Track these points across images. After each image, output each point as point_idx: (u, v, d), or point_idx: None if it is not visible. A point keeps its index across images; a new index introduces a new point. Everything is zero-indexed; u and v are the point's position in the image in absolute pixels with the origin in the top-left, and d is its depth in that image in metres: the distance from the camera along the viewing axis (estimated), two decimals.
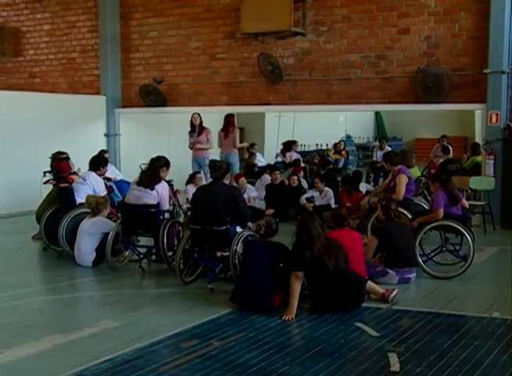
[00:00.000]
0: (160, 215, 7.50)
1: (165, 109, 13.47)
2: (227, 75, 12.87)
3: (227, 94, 12.94)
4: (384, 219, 7.18)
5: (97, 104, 13.96)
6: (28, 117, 12.35)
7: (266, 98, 12.52)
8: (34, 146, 12.09)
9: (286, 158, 15.39)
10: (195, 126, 12.09)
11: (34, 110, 12.54)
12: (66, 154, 9.62)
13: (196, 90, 13.27)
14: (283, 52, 12.21)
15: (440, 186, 7.62)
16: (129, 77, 14.13)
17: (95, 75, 14.42)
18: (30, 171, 11.40)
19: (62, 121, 12.99)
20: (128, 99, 14.16)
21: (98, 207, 7.89)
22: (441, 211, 7.38)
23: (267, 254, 6.00)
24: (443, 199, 7.48)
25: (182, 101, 13.40)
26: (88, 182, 8.71)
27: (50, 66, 15.08)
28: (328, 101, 11.88)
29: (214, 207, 6.69)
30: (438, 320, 5.66)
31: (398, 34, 11.17)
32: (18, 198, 11.61)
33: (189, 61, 13.30)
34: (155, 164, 7.69)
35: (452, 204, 7.55)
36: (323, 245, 5.82)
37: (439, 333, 5.31)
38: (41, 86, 14.96)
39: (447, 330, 5.40)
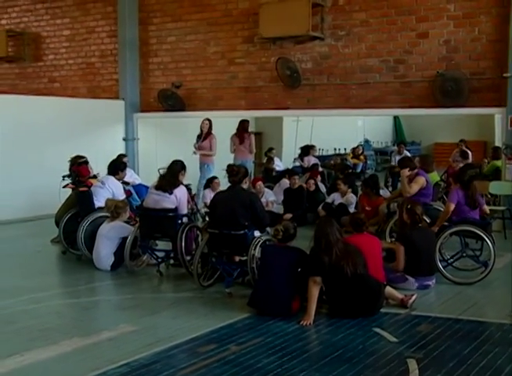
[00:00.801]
0: (179, 220, 7.52)
1: (183, 113, 13.51)
2: (245, 80, 12.88)
3: (245, 98, 12.95)
4: (408, 224, 7.10)
5: (116, 109, 14.05)
6: (48, 122, 12.47)
7: (284, 102, 12.51)
8: (54, 150, 12.19)
9: (304, 163, 15.37)
10: (202, 131, 12.16)
11: (53, 115, 12.66)
12: (85, 158, 9.67)
13: (214, 95, 13.30)
14: (302, 57, 12.20)
15: (461, 187, 7.56)
16: (147, 82, 14.21)
17: (113, 80, 14.51)
18: (49, 175, 11.47)
19: (81, 126, 13.08)
20: (147, 104, 14.23)
21: (117, 211, 7.92)
22: (452, 205, 7.34)
23: (285, 258, 5.99)
24: (458, 196, 7.42)
25: (201, 106, 13.43)
26: (106, 186, 8.76)
27: (69, 71, 15.20)
28: (346, 105, 11.84)
29: (233, 211, 6.69)
30: (458, 326, 5.61)
31: (416, 38, 11.12)
32: (37, 202, 11.69)
33: (207, 66, 13.34)
34: (174, 167, 7.73)
35: (471, 207, 7.48)
36: (341, 250, 5.79)
37: (459, 339, 5.27)
38: (60, 91, 15.09)
39: (467, 336, 5.35)
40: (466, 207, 7.46)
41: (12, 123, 11.88)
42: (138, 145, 14.32)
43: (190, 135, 13.24)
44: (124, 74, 14.19)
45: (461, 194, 7.47)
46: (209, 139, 12.07)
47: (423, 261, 6.84)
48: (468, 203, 7.47)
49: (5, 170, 11.70)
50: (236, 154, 12.55)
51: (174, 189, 7.58)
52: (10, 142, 11.81)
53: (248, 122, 12.81)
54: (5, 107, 11.93)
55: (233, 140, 12.66)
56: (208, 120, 12.21)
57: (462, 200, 7.45)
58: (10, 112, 11.95)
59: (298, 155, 15.91)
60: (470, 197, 7.49)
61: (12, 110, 12.00)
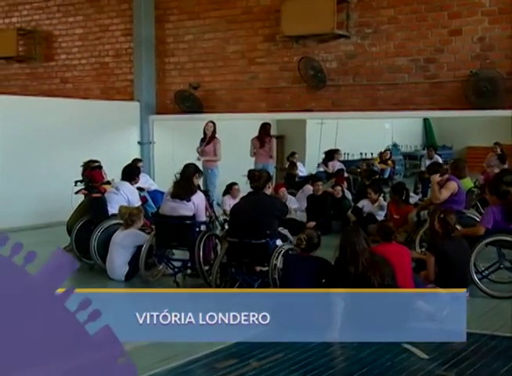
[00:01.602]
0: (197, 228, 7.54)
1: (201, 116, 13.54)
2: (266, 80, 12.90)
3: (266, 100, 12.96)
4: (440, 233, 7.04)
5: (130, 111, 14.13)
6: (59, 124, 12.56)
7: (308, 104, 12.50)
8: (66, 154, 12.29)
9: (328, 168, 15.34)
10: (206, 134, 12.15)
11: (65, 117, 12.75)
12: (98, 163, 9.74)
13: (233, 96, 13.32)
14: (326, 56, 12.19)
15: (498, 199, 7.46)
16: (164, 83, 14.28)
17: (128, 80, 14.61)
18: (60, 181, 11.56)
19: (94, 128, 13.18)
20: (163, 106, 14.30)
21: (131, 219, 7.96)
22: (482, 228, 7.25)
23: (308, 269, 5.97)
24: (493, 216, 7.28)
25: (219, 107, 13.47)
26: (121, 192, 8.82)
27: (82, 72, 15.32)
28: (373, 107, 11.81)
29: (255, 219, 6.70)
30: (493, 343, 5.54)
31: (448, 36, 11.05)
32: (48, 208, 11.79)
33: (226, 66, 13.38)
34: (187, 172, 7.78)
35: (509, 221, 7.32)
36: (368, 260, 5.77)
37: (494, 357, 5.20)
38: (72, 92, 15.21)
39: (503, 353, 5.29)
40: (504, 223, 7.33)
41: (22, 126, 11.98)
42: (154, 149, 14.38)
43: None
44: (139, 74, 14.27)
45: (497, 211, 7.34)
46: (213, 143, 12.07)
47: (455, 272, 6.77)
48: (506, 218, 7.31)
49: (14, 174, 11.81)
50: (257, 158, 12.58)
51: (191, 196, 7.60)
52: (20, 145, 11.92)
53: (270, 125, 12.82)
54: (16, 109, 12.05)
55: (254, 143, 12.68)
56: (212, 122, 12.22)
57: (498, 217, 7.31)
58: (20, 114, 12.06)
59: (322, 160, 15.88)
60: (508, 211, 7.32)
61: (22, 112, 12.11)
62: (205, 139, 12.18)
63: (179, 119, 13.98)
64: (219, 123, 12.81)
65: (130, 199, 8.81)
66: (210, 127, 12.15)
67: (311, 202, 11.48)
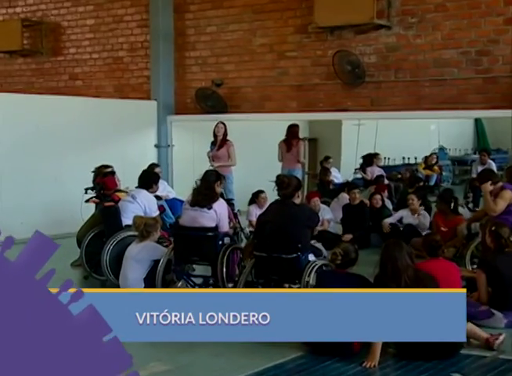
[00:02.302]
0: (220, 240, 7.58)
1: (225, 116, 13.58)
2: (297, 77, 12.94)
3: (297, 99, 12.99)
4: (492, 248, 6.99)
5: (147, 110, 14.25)
6: (68, 125, 12.67)
7: (343, 103, 12.51)
8: (75, 158, 12.44)
9: (366, 174, 15.32)
10: (217, 137, 12.18)
11: (74, 117, 12.87)
12: (111, 168, 9.83)
13: (261, 94, 13.38)
14: (364, 49, 12.19)
15: None
16: (184, 80, 14.38)
17: (144, 77, 14.74)
18: (69, 188, 11.69)
19: (106, 130, 13.32)
20: (183, 105, 14.40)
21: (147, 230, 8.01)
22: None
23: (345, 285, 5.96)
24: None
25: (245, 107, 13.53)
26: (137, 200, 8.89)
27: (94, 67, 15.48)
28: (417, 106, 11.78)
29: (284, 230, 6.72)
30: None
31: (504, 25, 10.99)
32: (55, 218, 11.90)
33: (253, 60, 13.44)
34: (208, 178, 7.85)
35: None
36: (412, 278, 5.75)
37: None
38: (83, 90, 15.37)
39: None
40: None
41: (27, 127, 12.11)
42: (173, 153, 14.49)
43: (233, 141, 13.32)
44: (156, 70, 14.39)
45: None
46: (226, 146, 12.12)
47: (511, 292, 6.72)
48: None
49: (18, 181, 11.93)
50: (283, 163, 12.66)
51: (213, 204, 7.66)
52: (25, 148, 12.04)
53: (298, 127, 12.85)
54: (20, 108, 12.16)
55: (281, 147, 12.73)
56: (223, 123, 12.25)
57: None
58: (25, 114, 12.18)
59: (360, 165, 15.86)
60: None
61: (27, 111, 12.22)
62: (216, 142, 12.20)
63: (200, 120, 14.06)
64: (244, 124, 12.86)
65: (147, 208, 8.87)
66: (221, 128, 12.18)
67: (348, 212, 11.46)
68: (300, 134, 13.20)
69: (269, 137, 12.90)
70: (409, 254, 5.89)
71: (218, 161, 12.07)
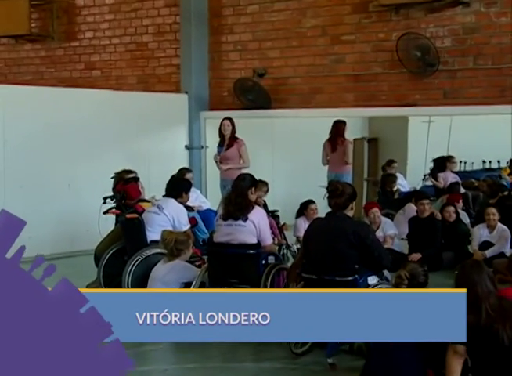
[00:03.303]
0: (263, 259, 7.61)
1: (269, 112, 13.64)
2: (355, 65, 12.94)
3: (355, 91, 12.99)
4: None
5: (176, 105, 14.35)
6: (83, 123, 12.75)
7: (410, 96, 12.47)
8: (91, 161, 12.58)
9: (438, 181, 15.21)
10: (224, 136, 12.20)
11: (91, 113, 12.95)
12: (134, 174, 9.90)
13: (311, 86, 13.40)
14: (436, 31, 12.14)
15: None
16: (220, 69, 14.46)
17: (173, 66, 14.84)
18: (85, 196, 11.81)
19: (129, 129, 13.41)
20: (218, 99, 14.49)
21: (177, 247, 8.05)
22: None
23: None
24: None
25: (293, 101, 13.58)
26: (165, 212, 8.97)
27: (114, 54, 15.64)
28: (501, 99, 11.68)
29: (336, 249, 6.73)
30: None
31: None
32: (68, 233, 11.99)
33: (302, 46, 13.47)
34: (239, 184, 7.91)
35: None
36: (495, 308, 5.70)
37: None
38: (101, 81, 15.55)
39: None
40: None
41: (35, 124, 12.19)
42: (207, 155, 14.53)
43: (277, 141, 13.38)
44: (187, 57, 14.47)
45: None
46: (236, 146, 12.11)
47: None
48: None
49: (24, 188, 11.97)
50: (329, 166, 12.74)
51: (248, 214, 7.72)
52: (33, 150, 12.10)
53: (345, 124, 12.82)
54: (27, 103, 12.20)
55: (325, 148, 12.79)
56: (229, 120, 12.24)
57: None
58: (33, 109, 12.24)
59: (430, 170, 15.74)
60: None
61: (35, 106, 12.29)
62: (223, 142, 12.21)
63: (240, 117, 13.98)
64: (291, 122, 12.85)
65: (175, 221, 8.94)
66: (228, 126, 12.16)
67: (415, 227, 11.39)
68: (356, 133, 13.15)
69: (320, 137, 12.87)
70: (491, 278, 5.84)
71: (226, 164, 12.12)
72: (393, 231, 11.25)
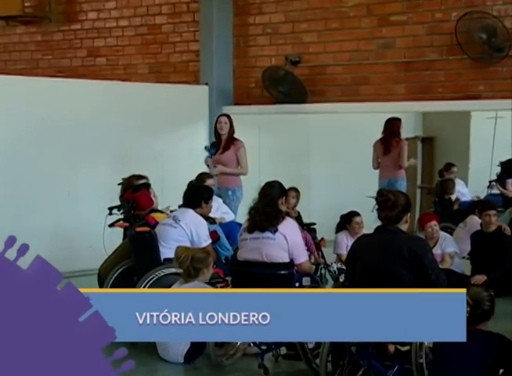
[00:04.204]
0: (296, 282, 7.59)
1: (304, 107, 13.64)
2: (407, 50, 12.94)
3: (406, 81, 12.98)
4: None
5: (195, 99, 14.38)
6: (85, 120, 12.80)
7: (473, 87, 12.45)
8: (95, 165, 12.66)
9: (507, 189, 15.13)
10: (220, 136, 12.11)
11: (94, 108, 12.99)
12: (145, 179, 9.94)
13: (354, 75, 13.41)
14: (505, 9, 12.10)
15: None
16: (246, 56, 14.52)
17: (191, 52, 14.90)
18: (87, 206, 11.86)
19: (139, 127, 13.45)
20: (244, 92, 14.55)
21: (195, 267, 8.05)
22: None
23: (475, 350, 5.91)
24: None
25: (332, 93, 13.59)
26: (181, 224, 8.97)
27: (121, 39, 15.71)
28: None
29: (387, 270, 6.70)
30: None
31: None
32: (67, 249, 12.02)
33: (343, 28, 13.49)
34: (268, 192, 7.95)
35: None
36: None
37: None
38: (106, 70, 15.64)
39: None
40: None
41: (29, 122, 12.23)
42: None
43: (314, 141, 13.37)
44: (208, 42, 14.53)
45: None
46: (234, 148, 12.06)
47: None
48: None
49: (16, 196, 12.01)
50: (380, 171, 12.78)
51: (278, 225, 7.72)
52: (26, 151, 12.13)
53: (400, 121, 12.79)
54: (19, 96, 12.23)
55: (376, 149, 12.79)
56: (227, 117, 12.18)
57: None
58: (26, 103, 12.26)
59: (497, 176, 15.66)
60: None
61: (28, 99, 12.32)
62: (219, 142, 12.15)
63: (269, 113, 14.09)
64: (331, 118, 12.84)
65: (194, 235, 8.94)
66: (225, 124, 12.06)
67: (479, 243, 11.33)
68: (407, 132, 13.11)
69: (365, 136, 12.87)
70: None
71: (221, 168, 12.03)
72: (453, 248, 11.19)
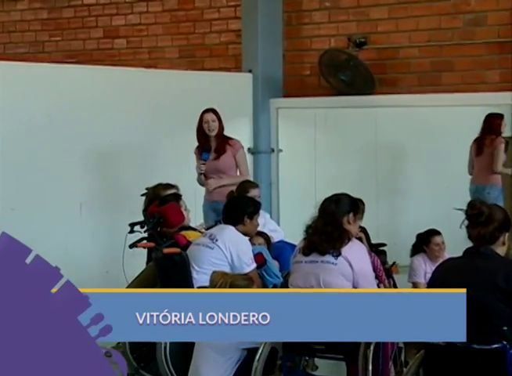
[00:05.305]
0: None
1: (371, 99, 13.64)
2: (501, 28, 12.88)
3: (501, 67, 12.98)
4: None
5: (235, 90, 14.45)
6: (101, 115, 12.90)
7: None
8: (113, 171, 12.76)
9: None
10: (208, 138, 11.94)
11: (112, 101, 13.09)
12: (175, 189, 9.97)
13: (435, 60, 13.41)
14: None
15: None
16: (299, 37, 14.56)
17: (231, 32, 15.00)
18: (104, 223, 11.91)
19: (166, 124, 13.56)
20: (297, 81, 14.61)
21: None
22: None
23: None
24: None
25: (406, 82, 13.66)
26: (219, 244, 8.97)
27: (146, 16, 15.82)
28: None
29: (477, 302, 6.64)
30: None
31: None
32: (81, 275, 11.95)
33: (420, 1, 13.46)
34: (330, 208, 7.89)
35: None
36: None
37: None
38: (127, 54, 15.78)
39: None
40: None
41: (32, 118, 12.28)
42: (280, 162, 14.67)
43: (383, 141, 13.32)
44: (252, 20, 14.60)
45: None
46: (231, 151, 11.91)
47: None
48: None
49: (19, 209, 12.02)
50: (474, 176, 12.80)
51: (341, 247, 7.70)
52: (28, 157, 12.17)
53: (501, 118, 12.70)
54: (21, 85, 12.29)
55: (471, 151, 12.85)
56: (213, 111, 12.02)
57: None
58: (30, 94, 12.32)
59: None
60: None
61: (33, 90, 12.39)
62: (208, 146, 11.98)
63: (328, 106, 14.08)
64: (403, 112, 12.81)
65: (235, 258, 8.90)
66: (213, 122, 11.86)
67: None
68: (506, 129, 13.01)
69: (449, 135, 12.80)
70: None
71: (219, 177, 11.83)
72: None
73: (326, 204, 7.93)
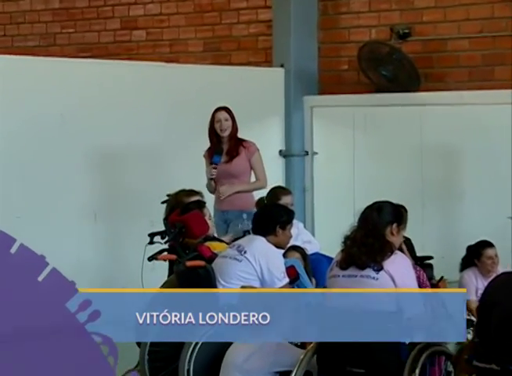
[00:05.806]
0: None
1: (416, 96, 13.63)
2: None
3: None
4: None
5: (266, 87, 14.51)
6: (118, 114, 13.00)
7: None
8: (129, 175, 12.80)
9: None
10: (220, 139, 11.97)
11: (130, 98, 13.18)
12: (198, 196, 9.96)
13: (487, 52, 13.34)
14: None
15: None
16: (336, 28, 14.57)
17: (261, 23, 15.01)
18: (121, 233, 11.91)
19: (189, 124, 13.55)
20: (334, 76, 14.65)
21: None
22: None
23: None
24: None
25: (455, 77, 13.66)
26: (248, 256, 8.95)
27: (167, 5, 15.87)
28: None
29: None
30: None
31: None
32: None
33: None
34: (372, 217, 7.85)
35: None
36: None
37: None
38: (146, 48, 15.79)
39: None
40: None
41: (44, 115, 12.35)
42: (315, 166, 14.69)
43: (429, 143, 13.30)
44: (284, 9, 14.63)
45: None
46: (246, 153, 11.92)
47: None
48: None
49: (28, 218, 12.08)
50: None
51: (383, 261, 7.66)
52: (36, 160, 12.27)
53: None
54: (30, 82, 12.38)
55: None
56: (226, 110, 12.08)
57: None
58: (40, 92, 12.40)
59: None
60: None
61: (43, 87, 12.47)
62: (220, 149, 12.01)
63: (368, 104, 14.09)
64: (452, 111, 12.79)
65: (265, 272, 8.90)
66: (226, 121, 11.92)
67: None
68: None
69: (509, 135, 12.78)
70: None
71: (231, 185, 11.81)
72: None
73: (367, 213, 7.88)
